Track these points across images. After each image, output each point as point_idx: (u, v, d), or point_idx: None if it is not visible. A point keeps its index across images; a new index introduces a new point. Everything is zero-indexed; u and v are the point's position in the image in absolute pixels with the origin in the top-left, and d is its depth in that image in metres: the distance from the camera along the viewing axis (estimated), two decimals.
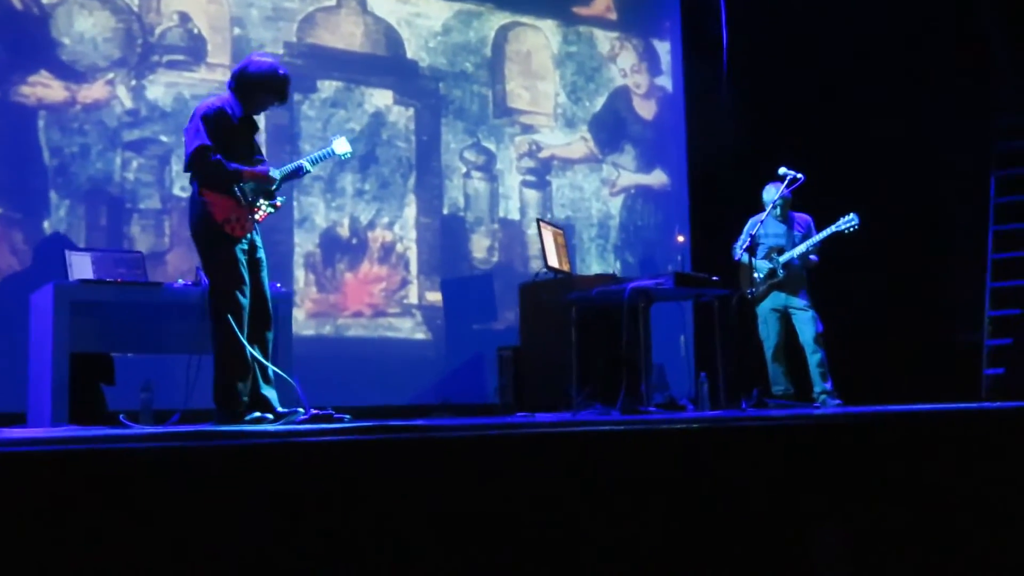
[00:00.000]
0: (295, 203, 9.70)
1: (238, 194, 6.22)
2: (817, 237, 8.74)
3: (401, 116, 10.49)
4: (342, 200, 10.01)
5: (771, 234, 8.82)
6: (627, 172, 11.77)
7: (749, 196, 9.26)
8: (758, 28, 10.82)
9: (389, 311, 10.20)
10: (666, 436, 4.23)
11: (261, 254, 6.44)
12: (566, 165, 11.40)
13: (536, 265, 9.89)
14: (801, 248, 8.73)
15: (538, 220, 9.19)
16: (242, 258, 6.24)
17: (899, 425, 4.87)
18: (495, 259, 10.82)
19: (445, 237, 10.60)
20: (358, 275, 10.07)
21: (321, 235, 9.92)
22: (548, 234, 9.01)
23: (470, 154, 10.84)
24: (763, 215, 8.61)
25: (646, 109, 12.01)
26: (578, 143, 11.52)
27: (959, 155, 10.13)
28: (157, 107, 9.28)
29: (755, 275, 8.62)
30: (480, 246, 10.76)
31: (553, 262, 8.87)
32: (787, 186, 8.42)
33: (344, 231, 10.04)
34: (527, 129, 11.21)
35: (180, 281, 7.52)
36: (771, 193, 8.74)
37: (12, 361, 7.81)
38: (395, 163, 10.40)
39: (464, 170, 10.79)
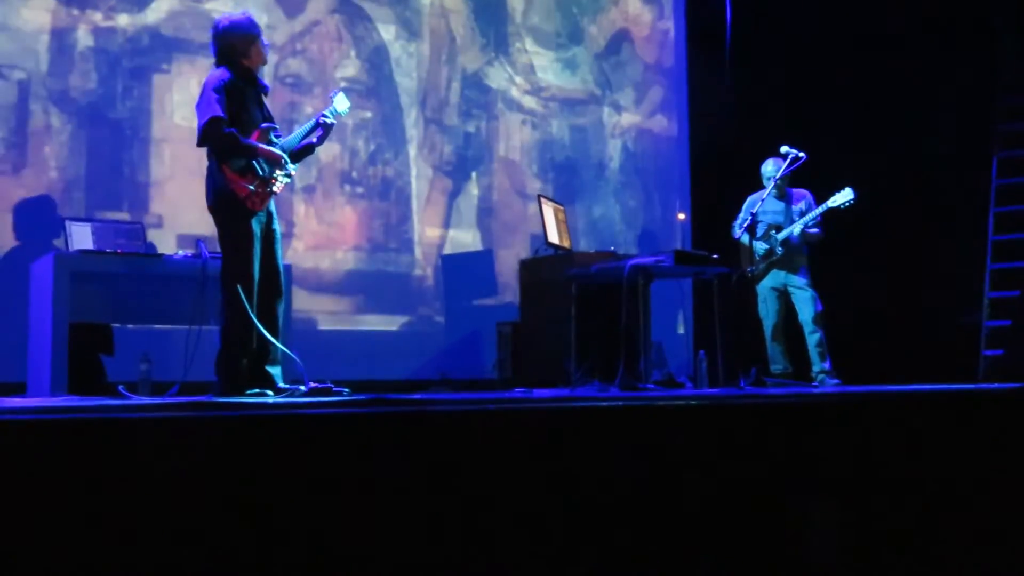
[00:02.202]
0: None
1: (257, 168, 6.21)
2: (812, 213, 8.67)
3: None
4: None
5: (769, 211, 8.71)
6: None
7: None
8: None
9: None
10: (664, 413, 4.25)
11: (276, 225, 6.47)
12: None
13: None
14: (798, 225, 8.66)
15: (539, 196, 9.18)
16: (258, 231, 6.26)
17: (897, 406, 4.89)
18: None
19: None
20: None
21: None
22: (549, 210, 8.99)
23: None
24: (763, 193, 8.53)
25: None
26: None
27: (961, 135, 10.09)
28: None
29: (755, 253, 8.60)
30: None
31: (553, 238, 8.86)
32: (788, 164, 8.35)
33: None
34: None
35: (180, 252, 7.56)
36: (770, 168, 8.68)
37: (12, 331, 7.82)
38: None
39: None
